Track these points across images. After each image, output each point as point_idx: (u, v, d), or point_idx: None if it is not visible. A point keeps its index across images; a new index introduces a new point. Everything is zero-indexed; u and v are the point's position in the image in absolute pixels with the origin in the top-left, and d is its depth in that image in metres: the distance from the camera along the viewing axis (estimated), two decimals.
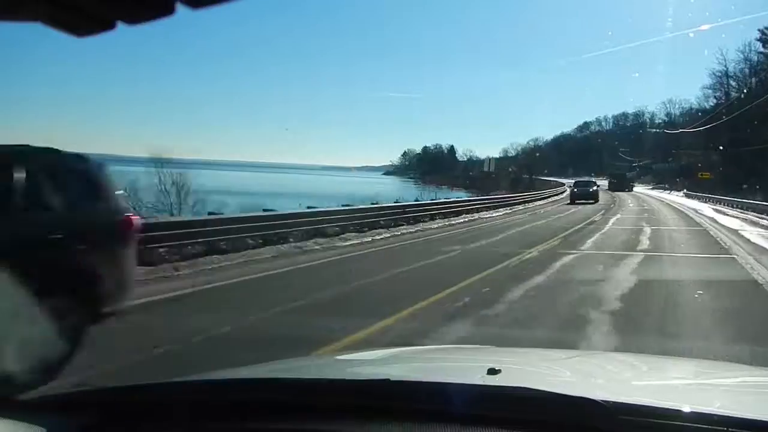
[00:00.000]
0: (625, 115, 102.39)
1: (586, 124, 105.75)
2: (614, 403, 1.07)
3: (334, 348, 4.86)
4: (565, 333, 5.62)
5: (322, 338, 5.14)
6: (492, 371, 1.30)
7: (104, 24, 0.27)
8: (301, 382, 1.36)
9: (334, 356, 2.49)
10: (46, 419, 1.12)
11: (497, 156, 61.16)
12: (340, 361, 2.11)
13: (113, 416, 1.18)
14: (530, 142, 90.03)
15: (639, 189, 61.38)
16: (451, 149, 61.71)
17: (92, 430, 1.16)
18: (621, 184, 57.39)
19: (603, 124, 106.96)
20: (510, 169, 52.35)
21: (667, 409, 1.10)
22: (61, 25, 0.27)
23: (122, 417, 1.19)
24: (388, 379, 1.23)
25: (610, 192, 51.62)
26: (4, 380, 2.86)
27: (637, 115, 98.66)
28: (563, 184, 52.44)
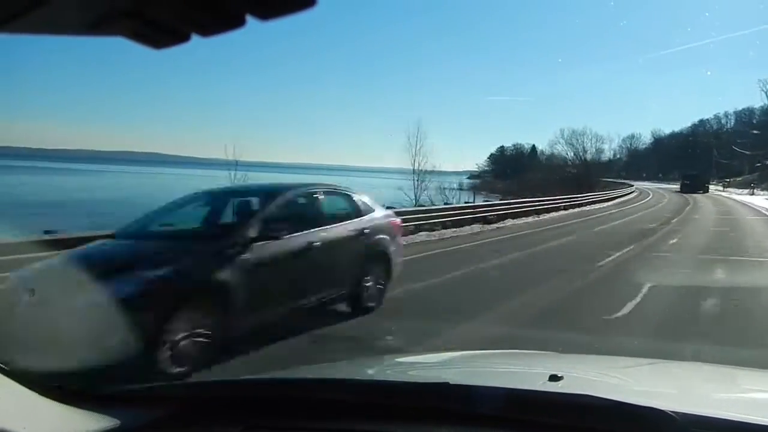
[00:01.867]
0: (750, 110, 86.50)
1: (702, 122, 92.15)
2: (685, 414, 1.02)
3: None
4: None
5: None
6: (554, 378, 1.28)
7: (180, 37, 0.29)
8: (361, 383, 1.38)
9: (396, 357, 2.50)
10: (120, 412, 1.18)
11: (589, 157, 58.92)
12: (400, 363, 2.12)
13: (183, 411, 1.23)
14: (625, 141, 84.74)
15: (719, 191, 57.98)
16: (533, 150, 57.51)
17: (163, 424, 1.21)
18: (695, 185, 54.44)
19: (722, 121, 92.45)
20: (570, 171, 50.00)
21: (744, 423, 1.04)
22: (141, 39, 0.29)
23: (190, 412, 1.24)
24: (447, 383, 1.22)
25: (683, 194, 48.95)
26: (89, 373, 3.07)
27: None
28: (632, 185, 50.86)
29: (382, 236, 6.56)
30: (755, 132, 68.85)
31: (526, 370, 1.81)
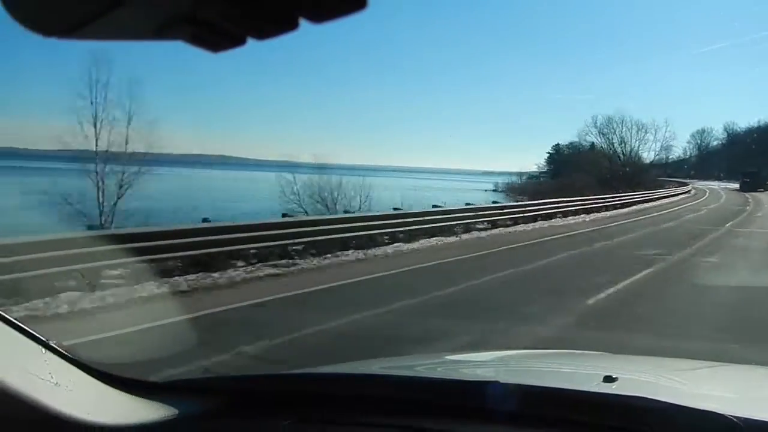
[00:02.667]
0: None
1: None
2: (746, 419, 0.98)
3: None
4: None
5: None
6: (608, 379, 1.25)
7: (236, 40, 0.30)
8: (410, 380, 1.39)
9: (447, 355, 2.50)
10: (177, 401, 1.22)
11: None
12: (451, 360, 2.11)
13: (236, 402, 1.27)
14: (694, 136, 78.34)
15: None
16: (592, 146, 53.90)
17: (218, 414, 1.24)
18: (755, 183, 51.42)
19: None
20: (604, 167, 46.90)
21: None
22: (200, 43, 0.31)
23: (243, 403, 1.27)
24: (498, 381, 1.22)
25: (743, 192, 46.37)
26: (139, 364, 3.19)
27: None
28: (687, 184, 48.46)
29: None
30: None
31: (579, 371, 1.78)
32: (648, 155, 52.81)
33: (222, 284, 8.71)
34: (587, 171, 42.88)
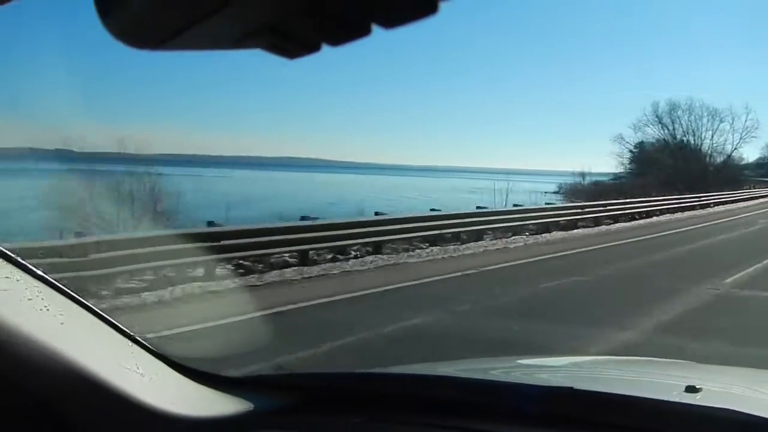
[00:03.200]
0: None
1: None
2: None
3: None
4: None
5: None
6: (690, 389, 1.20)
7: (312, 47, 0.31)
8: (484, 383, 1.38)
9: (521, 359, 2.46)
10: (253, 396, 1.26)
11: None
12: (526, 365, 2.08)
13: (310, 399, 1.30)
14: None
15: None
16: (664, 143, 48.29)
17: (292, 410, 1.28)
18: None
19: None
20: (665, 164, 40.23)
21: None
22: (276, 50, 0.32)
23: (317, 400, 1.30)
24: (572, 388, 1.19)
25: None
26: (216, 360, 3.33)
27: None
28: None
29: None
30: None
31: (658, 380, 1.70)
32: (721, 146, 43.60)
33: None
34: (659, 169, 39.03)
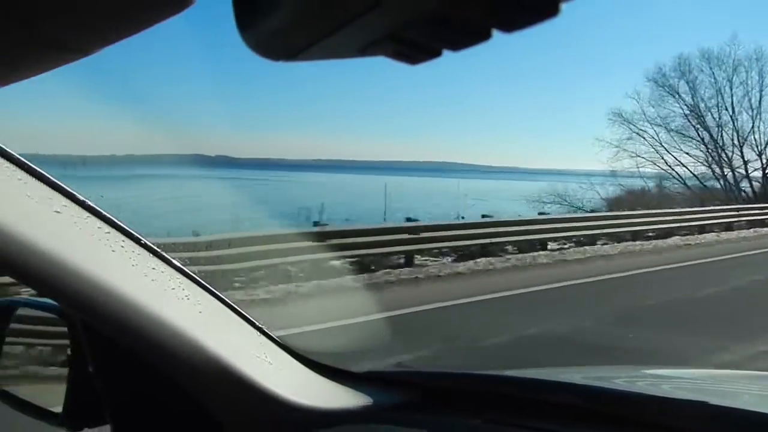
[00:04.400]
0: None
1: None
2: None
3: None
4: None
5: None
6: None
7: (434, 53, 0.32)
8: (609, 392, 1.32)
9: (645, 369, 2.33)
10: (373, 391, 1.30)
11: None
12: (651, 374, 1.96)
13: (427, 397, 1.32)
14: None
15: None
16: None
17: (410, 407, 1.30)
18: None
19: None
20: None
21: None
22: (400, 57, 0.34)
23: (434, 399, 1.31)
24: (706, 402, 1.11)
25: None
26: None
27: None
28: None
29: None
30: None
31: None
32: None
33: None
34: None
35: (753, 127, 28.21)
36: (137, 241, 1.01)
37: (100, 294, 0.92)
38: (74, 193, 0.93)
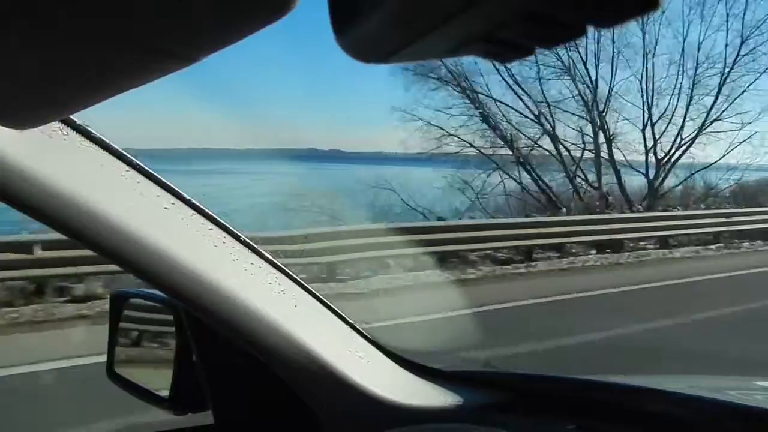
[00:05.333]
0: None
1: None
2: None
3: None
4: None
5: None
6: None
7: (526, 51, 0.32)
8: (718, 403, 1.24)
9: (758, 380, 2.17)
10: (463, 390, 1.29)
11: None
12: (762, 387, 1.83)
13: (519, 399, 1.29)
14: None
15: None
16: None
17: (500, 408, 1.28)
18: None
19: None
20: None
21: None
22: (491, 56, 0.33)
23: (526, 401, 1.29)
24: None
25: None
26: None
27: None
28: None
29: None
30: None
31: None
32: None
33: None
34: None
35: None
36: (236, 237, 1.06)
37: (203, 287, 0.98)
38: (181, 192, 0.99)
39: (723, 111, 19.67)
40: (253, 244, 1.09)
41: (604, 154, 19.66)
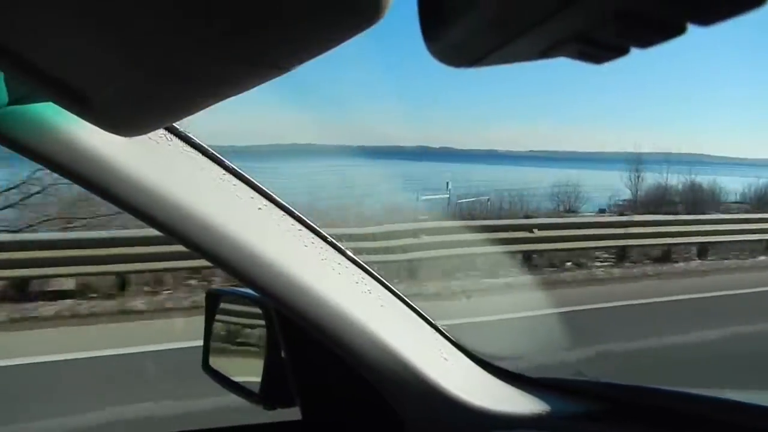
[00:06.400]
0: None
1: None
2: None
3: None
4: None
5: None
6: None
7: (621, 51, 0.31)
8: None
9: None
10: (551, 398, 1.25)
11: None
12: None
13: (613, 410, 1.23)
14: None
15: None
16: None
17: (588, 418, 1.23)
18: None
19: None
20: None
21: None
22: (584, 57, 0.33)
23: (614, 412, 1.23)
24: None
25: None
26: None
27: None
28: None
29: None
30: None
31: None
32: None
33: None
34: None
35: None
36: (324, 238, 1.09)
37: (292, 286, 1.01)
38: (272, 193, 1.03)
39: None
40: (339, 245, 1.12)
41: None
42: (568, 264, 10.45)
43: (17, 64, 0.48)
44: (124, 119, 0.60)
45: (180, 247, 0.98)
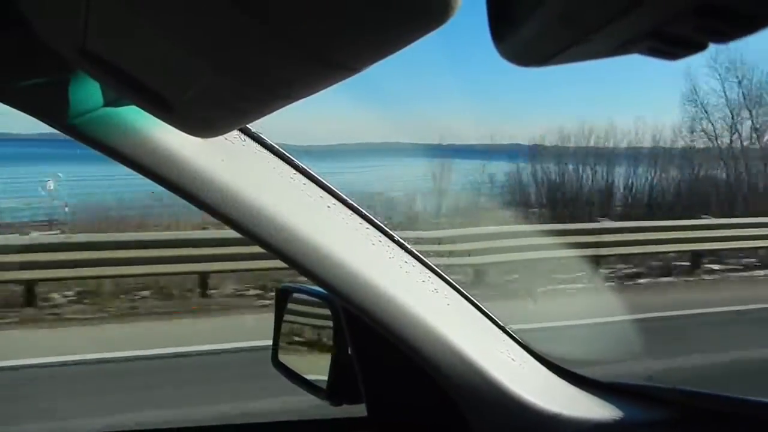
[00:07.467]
0: None
1: None
2: None
3: None
4: None
5: None
6: None
7: (698, 47, 0.30)
8: None
9: None
10: (620, 403, 1.21)
11: None
12: None
13: (687, 418, 1.18)
14: None
15: None
16: None
17: (668, 426, 1.19)
18: None
19: None
20: None
21: None
22: (657, 54, 0.32)
23: (687, 420, 1.18)
24: None
25: None
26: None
27: None
28: None
29: None
30: None
31: None
32: None
33: None
34: None
35: None
36: (391, 237, 1.09)
37: (360, 284, 1.02)
38: (339, 192, 1.05)
39: None
40: (406, 244, 1.12)
41: None
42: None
43: (110, 72, 0.51)
44: (202, 121, 0.63)
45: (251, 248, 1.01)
